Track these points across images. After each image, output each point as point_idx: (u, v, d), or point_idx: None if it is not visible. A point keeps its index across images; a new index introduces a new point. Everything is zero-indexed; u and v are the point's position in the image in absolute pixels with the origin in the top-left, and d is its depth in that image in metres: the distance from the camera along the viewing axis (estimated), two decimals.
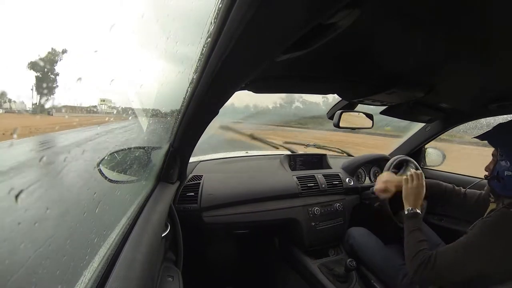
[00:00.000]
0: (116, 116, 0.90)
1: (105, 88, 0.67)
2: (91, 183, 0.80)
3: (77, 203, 2.00)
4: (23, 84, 1.10)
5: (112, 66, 0.68)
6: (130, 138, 0.95)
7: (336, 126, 1.16)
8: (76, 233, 0.48)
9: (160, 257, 0.77)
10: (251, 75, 0.57)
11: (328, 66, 0.75)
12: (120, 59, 0.70)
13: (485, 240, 0.74)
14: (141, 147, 0.98)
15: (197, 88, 0.55)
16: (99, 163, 0.84)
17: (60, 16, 2.48)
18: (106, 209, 0.61)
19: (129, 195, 0.83)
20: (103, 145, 0.82)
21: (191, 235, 1.02)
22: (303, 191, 1.31)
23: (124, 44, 0.61)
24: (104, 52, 0.54)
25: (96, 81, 0.77)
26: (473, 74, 0.74)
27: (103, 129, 0.79)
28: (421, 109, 1.18)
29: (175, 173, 1.01)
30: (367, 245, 1.21)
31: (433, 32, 0.51)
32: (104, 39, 0.50)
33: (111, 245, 0.55)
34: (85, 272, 0.47)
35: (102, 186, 0.82)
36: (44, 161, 0.48)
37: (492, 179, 0.84)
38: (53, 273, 0.44)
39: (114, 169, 0.91)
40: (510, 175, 0.78)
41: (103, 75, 0.60)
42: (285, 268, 1.35)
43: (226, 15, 0.32)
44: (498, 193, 0.83)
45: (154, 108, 1.01)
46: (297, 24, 0.34)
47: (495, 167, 0.83)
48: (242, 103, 12.23)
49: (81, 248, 0.51)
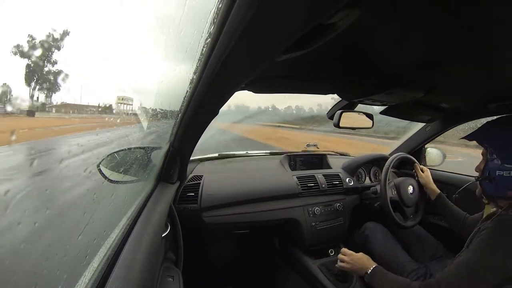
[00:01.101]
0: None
1: (106, 88, 0.67)
2: (91, 183, 0.80)
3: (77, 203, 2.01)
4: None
5: (112, 66, 0.68)
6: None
7: (336, 126, 1.15)
8: (76, 233, 0.48)
9: (160, 257, 0.77)
10: (251, 75, 0.57)
11: (328, 66, 0.75)
12: (120, 59, 0.70)
13: (488, 252, 0.71)
14: (141, 147, 0.98)
15: (197, 88, 0.55)
16: (99, 163, 0.84)
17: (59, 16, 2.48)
18: (106, 209, 0.61)
19: (129, 195, 0.83)
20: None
21: (191, 235, 1.02)
22: (303, 191, 1.31)
23: (124, 44, 0.61)
24: (104, 52, 0.54)
25: (96, 82, 0.78)
26: (473, 74, 0.74)
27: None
28: (421, 109, 1.18)
29: (175, 173, 1.01)
30: (382, 241, 1.21)
31: (433, 32, 0.51)
32: (104, 39, 0.50)
33: (111, 245, 0.55)
34: (85, 272, 0.47)
35: (102, 186, 0.82)
36: (38, 164, 0.48)
37: (484, 179, 0.81)
38: (53, 273, 0.44)
39: (114, 169, 0.91)
40: (502, 174, 0.76)
41: (103, 75, 0.60)
42: (285, 268, 1.35)
43: (226, 15, 0.32)
44: (490, 194, 0.82)
45: (154, 108, 1.01)
46: (297, 24, 0.34)
47: (486, 167, 0.81)
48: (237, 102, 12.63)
49: (81, 248, 0.51)
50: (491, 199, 0.84)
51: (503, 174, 0.76)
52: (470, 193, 0.94)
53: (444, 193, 1.19)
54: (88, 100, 6.03)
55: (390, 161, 1.25)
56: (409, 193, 1.23)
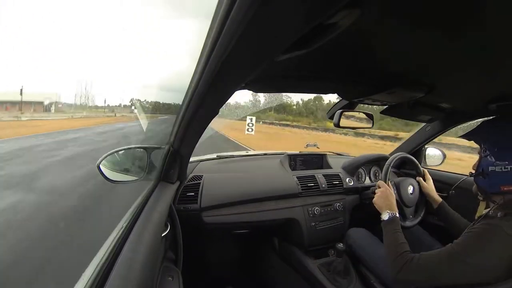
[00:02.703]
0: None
1: (106, 88, 0.67)
2: (91, 183, 0.80)
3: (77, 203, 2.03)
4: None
5: (112, 67, 0.68)
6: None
7: (336, 126, 1.15)
8: (76, 233, 0.48)
9: (160, 257, 0.77)
10: (251, 75, 0.57)
11: (328, 66, 0.75)
12: (119, 59, 0.70)
13: (470, 250, 0.72)
14: (141, 147, 0.98)
15: (197, 87, 0.55)
16: (99, 163, 0.84)
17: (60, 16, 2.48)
18: (106, 209, 0.62)
19: (129, 195, 0.84)
20: None
21: (191, 235, 1.02)
22: (303, 191, 1.31)
23: (123, 44, 0.61)
24: (103, 53, 0.54)
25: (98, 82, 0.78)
26: (473, 74, 0.74)
27: None
28: (421, 109, 1.18)
29: (175, 173, 1.01)
30: (367, 245, 1.21)
31: (434, 31, 0.51)
32: (104, 40, 0.50)
33: (111, 245, 0.55)
34: (85, 271, 0.47)
35: (102, 186, 0.82)
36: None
37: (478, 175, 0.83)
38: (53, 273, 0.44)
39: (114, 169, 0.91)
40: (494, 170, 0.78)
41: (104, 75, 0.60)
42: (284, 268, 1.35)
43: (226, 15, 0.32)
44: (485, 190, 0.83)
45: (154, 108, 1.01)
46: (297, 24, 0.34)
47: (480, 163, 0.83)
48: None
49: (81, 248, 0.51)
50: (486, 196, 0.85)
51: (495, 169, 0.77)
52: (468, 192, 0.95)
53: (444, 193, 1.19)
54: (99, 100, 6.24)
55: (390, 161, 1.25)
56: (409, 193, 1.23)
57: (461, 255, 0.73)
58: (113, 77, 32.48)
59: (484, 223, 0.76)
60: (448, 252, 0.76)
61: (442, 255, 0.77)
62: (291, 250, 1.32)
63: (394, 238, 0.90)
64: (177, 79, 7.80)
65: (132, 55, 29.18)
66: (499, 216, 0.74)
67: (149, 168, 0.96)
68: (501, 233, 0.70)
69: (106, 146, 8.26)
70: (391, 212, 0.97)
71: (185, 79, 0.62)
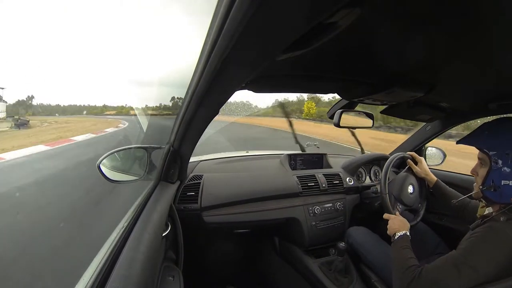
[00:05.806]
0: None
1: (106, 88, 0.67)
2: (91, 183, 0.80)
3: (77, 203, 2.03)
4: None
5: (112, 67, 0.68)
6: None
7: (336, 125, 1.15)
8: (77, 233, 0.48)
9: (160, 257, 0.77)
10: (251, 75, 0.57)
11: (328, 65, 0.75)
12: (119, 59, 0.70)
13: (474, 253, 0.71)
14: (141, 146, 0.98)
15: (198, 87, 0.55)
16: (99, 163, 0.84)
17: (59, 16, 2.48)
18: (106, 209, 0.62)
19: (129, 194, 0.84)
20: None
21: (192, 235, 1.02)
22: (303, 190, 1.31)
23: (123, 44, 0.61)
24: (103, 53, 0.54)
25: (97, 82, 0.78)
26: (473, 73, 0.74)
27: None
28: (421, 109, 1.17)
29: (176, 172, 1.01)
30: (367, 244, 1.21)
31: (433, 31, 0.51)
32: (104, 40, 0.50)
33: (111, 245, 0.55)
34: (86, 271, 0.48)
35: (103, 186, 0.82)
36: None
37: (488, 189, 0.76)
38: (54, 273, 0.44)
39: (115, 169, 0.91)
40: (508, 184, 0.71)
41: (103, 76, 0.60)
42: (285, 267, 1.35)
43: (226, 15, 0.32)
44: (493, 201, 0.78)
45: (154, 108, 1.01)
46: (297, 24, 0.34)
47: (489, 175, 0.75)
48: None
49: (81, 248, 0.51)
50: (491, 204, 0.81)
51: (509, 183, 0.71)
52: (467, 192, 0.93)
53: None
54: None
55: (390, 161, 1.25)
56: (409, 193, 1.23)
57: (467, 262, 0.71)
58: (113, 77, 32.04)
59: (487, 227, 0.74)
60: (454, 261, 0.73)
61: (449, 265, 0.74)
62: (291, 249, 1.32)
63: (402, 253, 0.88)
64: (179, 78, 7.70)
65: (132, 55, 28.67)
66: (502, 220, 0.73)
67: (149, 168, 0.96)
68: (506, 237, 0.70)
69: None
70: (403, 231, 0.96)
71: (185, 79, 0.62)
